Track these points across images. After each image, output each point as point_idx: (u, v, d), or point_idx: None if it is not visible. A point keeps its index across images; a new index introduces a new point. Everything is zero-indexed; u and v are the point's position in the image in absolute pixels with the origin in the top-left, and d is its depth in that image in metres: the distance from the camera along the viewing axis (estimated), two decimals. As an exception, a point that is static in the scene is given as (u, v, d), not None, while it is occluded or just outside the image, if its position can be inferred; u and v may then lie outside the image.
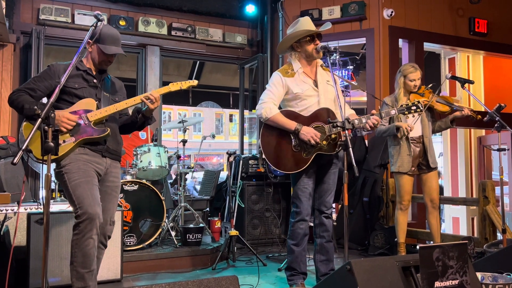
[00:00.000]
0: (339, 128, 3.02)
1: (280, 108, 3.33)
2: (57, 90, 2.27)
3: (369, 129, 3.19)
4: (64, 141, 2.61)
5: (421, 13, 6.05)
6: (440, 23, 6.17)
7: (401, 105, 3.28)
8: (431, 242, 4.52)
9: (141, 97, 2.84)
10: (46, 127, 2.06)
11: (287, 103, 3.31)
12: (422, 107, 3.20)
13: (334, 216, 5.64)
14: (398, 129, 4.03)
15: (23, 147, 1.98)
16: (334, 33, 6.00)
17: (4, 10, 4.29)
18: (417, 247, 4.31)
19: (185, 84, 2.97)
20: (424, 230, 5.20)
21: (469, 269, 2.17)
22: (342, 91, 6.86)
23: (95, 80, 2.84)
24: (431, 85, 4.25)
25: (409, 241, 4.58)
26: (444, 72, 7.12)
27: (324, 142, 3.18)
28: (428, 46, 6.39)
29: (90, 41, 2.77)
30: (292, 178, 3.31)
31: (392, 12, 5.74)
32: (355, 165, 2.79)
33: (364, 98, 6.49)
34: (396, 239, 4.40)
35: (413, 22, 5.99)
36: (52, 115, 2.08)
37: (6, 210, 3.60)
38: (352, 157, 2.79)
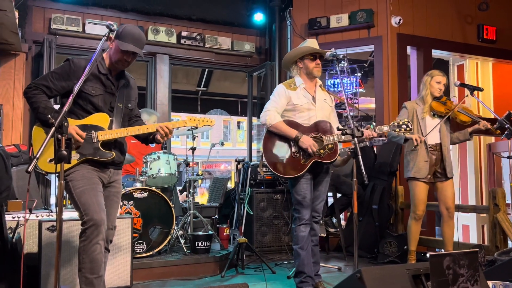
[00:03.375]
0: (348, 135, 3.04)
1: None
2: (70, 100, 2.30)
3: (367, 140, 3.43)
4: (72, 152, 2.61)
5: (430, 20, 6.05)
6: (448, 30, 6.17)
7: (393, 123, 3.46)
8: (442, 250, 4.49)
9: (157, 126, 2.80)
10: (59, 136, 2.09)
11: (286, 113, 3.55)
12: (411, 126, 3.44)
13: (343, 223, 5.63)
14: (407, 140, 4.03)
15: (37, 155, 2.01)
16: (342, 41, 6.02)
17: (17, 20, 4.36)
18: (427, 255, 4.29)
19: (201, 123, 2.99)
20: (434, 238, 5.17)
21: (480, 278, 2.16)
22: (350, 99, 6.87)
23: (113, 87, 2.81)
24: (453, 96, 4.26)
25: (419, 249, 4.54)
26: (453, 79, 7.09)
27: (322, 151, 3.41)
28: (436, 53, 6.38)
29: (112, 37, 2.69)
30: (289, 183, 3.56)
31: (400, 19, 5.75)
32: (364, 173, 2.80)
33: (373, 105, 6.49)
34: (406, 247, 4.38)
35: (422, 29, 5.99)
36: (66, 123, 2.10)
37: (18, 217, 3.63)
38: (362, 165, 2.80)
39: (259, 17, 6.84)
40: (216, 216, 5.92)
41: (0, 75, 5.21)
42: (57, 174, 2.16)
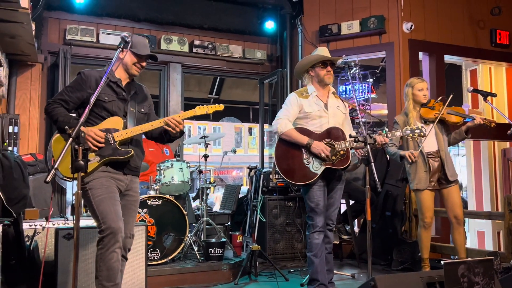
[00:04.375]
0: (360, 142, 3.06)
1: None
2: (86, 111, 2.35)
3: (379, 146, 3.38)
4: (89, 160, 2.68)
5: (441, 26, 6.03)
6: (460, 36, 6.14)
7: (405, 128, 3.44)
8: (456, 257, 4.45)
9: (165, 119, 2.86)
10: (76, 146, 2.14)
11: (299, 121, 3.57)
12: (425, 131, 3.42)
13: (356, 230, 5.61)
14: (403, 158, 4.01)
15: (55, 166, 2.06)
16: (354, 48, 6.03)
17: (33, 32, 4.45)
18: (442, 262, 4.26)
19: (211, 109, 2.98)
20: (449, 245, 5.12)
21: (496, 285, 2.15)
22: (363, 105, 6.86)
23: (124, 93, 2.90)
24: (440, 98, 4.26)
25: (433, 256, 4.51)
26: (466, 85, 7.05)
27: (333, 158, 3.40)
28: (448, 59, 6.35)
29: (121, 47, 2.80)
30: (303, 190, 3.57)
31: (411, 25, 5.75)
32: (377, 180, 2.81)
33: (385, 111, 6.48)
34: (419, 254, 4.35)
35: (433, 35, 5.97)
36: (82, 134, 2.15)
37: (35, 225, 3.69)
38: (375, 172, 2.80)
39: (270, 25, 6.88)
40: (229, 223, 5.94)
41: (17, 86, 5.32)
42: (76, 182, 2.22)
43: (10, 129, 4.94)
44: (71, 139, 2.14)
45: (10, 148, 4.84)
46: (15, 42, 4.60)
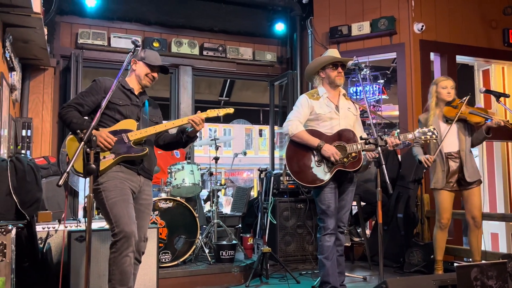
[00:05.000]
0: (372, 144, 3.04)
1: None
2: (98, 114, 2.38)
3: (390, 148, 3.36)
4: (104, 157, 2.73)
5: (453, 26, 5.98)
6: (472, 36, 6.09)
7: (417, 130, 3.40)
8: (470, 259, 4.40)
9: (190, 117, 2.95)
10: (88, 150, 2.16)
11: (310, 123, 3.55)
12: (437, 133, 3.39)
13: (367, 232, 5.57)
14: (421, 161, 4.02)
15: (67, 169, 2.08)
16: (364, 49, 6.00)
17: (46, 37, 4.51)
18: (455, 265, 4.21)
19: (222, 112, 3.08)
20: (462, 247, 5.07)
21: (510, 289, 2.12)
22: (374, 106, 6.83)
23: (137, 100, 2.98)
24: (465, 98, 4.19)
25: (445, 258, 4.46)
26: (478, 85, 6.97)
27: (345, 160, 3.38)
28: (460, 59, 6.29)
29: (135, 59, 2.98)
30: (314, 192, 3.55)
31: (422, 26, 5.71)
32: (388, 182, 2.79)
33: (396, 112, 6.44)
34: (432, 256, 4.31)
35: (445, 35, 5.92)
36: (94, 138, 2.17)
37: (48, 228, 3.73)
38: (386, 174, 2.79)
39: (280, 27, 6.89)
40: (240, 225, 5.95)
41: (30, 90, 5.39)
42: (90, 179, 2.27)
43: (23, 132, 5.01)
44: (82, 142, 2.16)
45: (23, 151, 4.91)
46: (28, 47, 4.67)
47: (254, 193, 7.40)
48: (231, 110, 3.12)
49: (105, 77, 2.97)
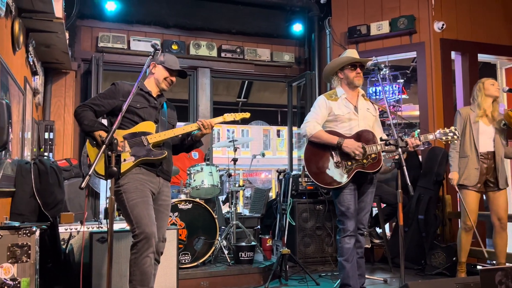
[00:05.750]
0: (392, 146, 3.01)
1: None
2: (119, 118, 2.41)
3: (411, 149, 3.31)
4: (124, 160, 2.76)
5: (474, 24, 5.88)
6: (494, 34, 5.97)
7: (439, 131, 3.36)
8: (493, 262, 4.32)
9: (198, 121, 3.01)
10: (109, 153, 2.19)
11: (328, 124, 3.52)
12: (458, 134, 3.34)
13: (388, 234, 5.52)
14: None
15: (89, 173, 2.11)
16: (383, 48, 5.95)
17: (67, 41, 4.59)
18: (478, 267, 4.14)
19: (238, 116, 3.15)
20: (486, 249, 4.96)
21: (536, 293, 2.07)
22: (393, 106, 6.76)
23: (155, 102, 3.02)
24: None
25: (468, 261, 4.38)
26: (501, 84, 6.83)
27: (364, 161, 3.34)
28: (482, 58, 6.18)
29: (154, 62, 3.03)
30: (333, 193, 3.52)
31: (443, 24, 5.63)
32: (409, 184, 2.76)
33: (417, 112, 6.36)
34: (454, 258, 4.24)
35: (466, 33, 5.83)
36: (115, 141, 2.21)
37: (71, 229, 3.80)
38: (407, 176, 2.75)
39: (298, 28, 6.87)
40: (259, 226, 5.95)
41: (52, 93, 5.50)
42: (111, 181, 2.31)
43: (46, 135, 5.12)
44: (104, 145, 2.19)
45: (46, 154, 5.01)
46: (50, 51, 4.76)
47: (272, 194, 7.40)
48: (247, 115, 3.19)
49: (123, 81, 3.02)
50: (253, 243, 4.70)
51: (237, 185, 5.20)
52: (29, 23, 3.93)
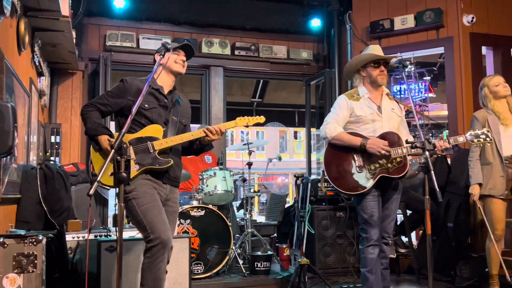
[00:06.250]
0: (419, 149, 2.97)
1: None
2: (128, 121, 2.42)
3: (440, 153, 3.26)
4: None
5: (507, 17, 5.79)
6: (529, 27, 5.88)
7: (470, 132, 3.28)
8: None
9: (206, 128, 2.96)
10: (118, 158, 2.21)
11: (350, 126, 3.46)
12: (491, 136, 3.26)
13: (414, 243, 5.46)
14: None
15: (98, 179, 2.13)
16: (408, 44, 5.90)
17: (74, 40, 4.65)
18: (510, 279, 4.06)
19: (252, 121, 3.09)
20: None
21: None
22: (420, 106, 6.68)
23: (166, 100, 2.99)
24: None
25: (500, 272, 4.31)
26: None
27: (389, 165, 3.28)
28: (516, 52, 6.09)
29: (158, 54, 2.91)
30: (355, 200, 3.46)
31: (473, 18, 5.56)
32: (437, 190, 2.72)
33: (445, 112, 6.28)
34: (486, 270, 4.17)
35: (498, 27, 5.74)
36: (124, 146, 2.22)
37: (78, 237, 3.84)
38: (435, 181, 2.72)
39: (316, 23, 6.85)
40: (275, 234, 5.93)
41: (58, 95, 5.58)
42: (117, 190, 2.31)
43: (52, 138, 5.18)
44: (113, 151, 2.21)
45: (52, 158, 5.07)
46: (56, 51, 4.83)
47: (290, 200, 7.38)
48: (262, 119, 3.13)
49: (133, 77, 2.99)
50: (269, 252, 4.69)
51: (252, 190, 5.20)
52: (35, 22, 3.99)
